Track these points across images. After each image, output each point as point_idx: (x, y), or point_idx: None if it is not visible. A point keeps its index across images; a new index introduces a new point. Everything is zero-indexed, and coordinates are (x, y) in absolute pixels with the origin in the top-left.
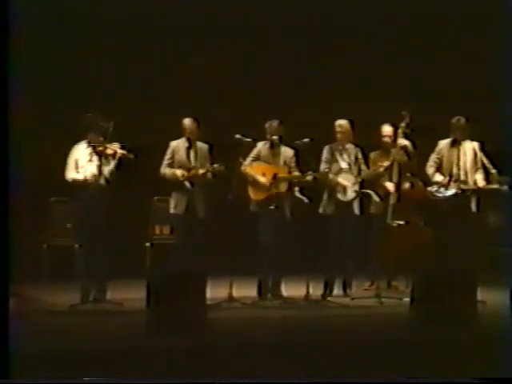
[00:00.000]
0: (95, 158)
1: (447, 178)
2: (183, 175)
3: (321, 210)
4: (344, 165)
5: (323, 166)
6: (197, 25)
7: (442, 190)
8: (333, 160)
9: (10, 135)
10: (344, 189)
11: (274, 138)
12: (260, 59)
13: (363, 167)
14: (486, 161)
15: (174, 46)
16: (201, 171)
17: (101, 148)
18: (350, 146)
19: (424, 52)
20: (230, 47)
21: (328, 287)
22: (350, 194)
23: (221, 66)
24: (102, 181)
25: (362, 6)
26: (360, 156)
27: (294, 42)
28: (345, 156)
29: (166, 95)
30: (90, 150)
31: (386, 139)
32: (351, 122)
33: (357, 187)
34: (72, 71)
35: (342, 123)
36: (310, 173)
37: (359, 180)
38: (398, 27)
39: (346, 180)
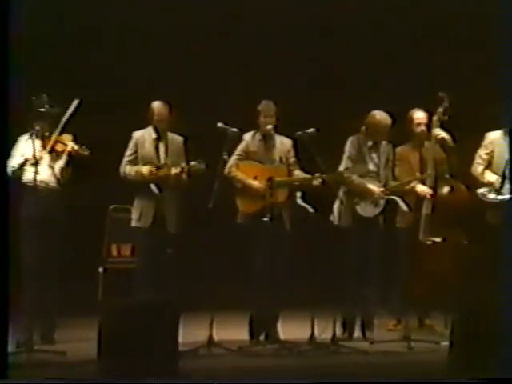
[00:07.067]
0: (44, 154)
1: (501, 179)
2: (151, 172)
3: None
4: (372, 167)
5: (346, 164)
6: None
7: (494, 192)
8: (360, 158)
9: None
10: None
11: (269, 127)
12: (246, 34)
13: (396, 172)
14: None
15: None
16: (174, 170)
17: (49, 141)
18: (382, 143)
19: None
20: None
21: (340, 327)
22: (374, 208)
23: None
24: (53, 183)
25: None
26: (391, 158)
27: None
28: (374, 155)
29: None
30: (37, 142)
31: (419, 128)
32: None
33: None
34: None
35: (386, 119)
36: (317, 175)
37: (387, 192)
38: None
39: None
